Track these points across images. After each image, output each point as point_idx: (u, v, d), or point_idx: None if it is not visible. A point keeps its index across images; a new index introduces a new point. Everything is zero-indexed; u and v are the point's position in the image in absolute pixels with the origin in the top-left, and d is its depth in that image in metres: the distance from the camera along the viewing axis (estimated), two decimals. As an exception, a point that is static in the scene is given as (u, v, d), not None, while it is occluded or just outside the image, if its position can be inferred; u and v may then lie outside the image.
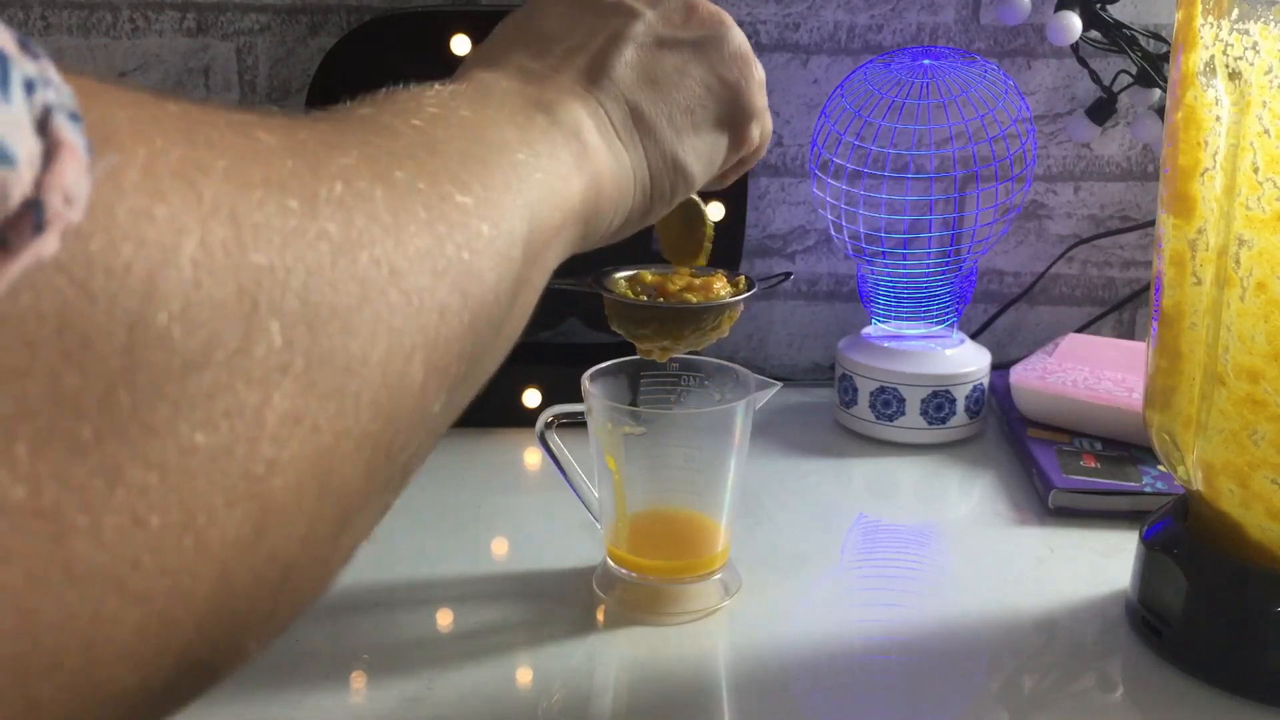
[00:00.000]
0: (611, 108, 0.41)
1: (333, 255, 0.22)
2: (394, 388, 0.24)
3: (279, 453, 0.21)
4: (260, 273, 0.20)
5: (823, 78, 0.90)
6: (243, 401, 0.20)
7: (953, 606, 0.60)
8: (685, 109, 0.43)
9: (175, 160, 0.20)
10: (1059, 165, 0.93)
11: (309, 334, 0.21)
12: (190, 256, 0.19)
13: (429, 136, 0.30)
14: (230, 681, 0.56)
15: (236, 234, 0.20)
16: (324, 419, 0.22)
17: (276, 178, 0.22)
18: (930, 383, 0.79)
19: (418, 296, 0.25)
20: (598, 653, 0.55)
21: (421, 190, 0.27)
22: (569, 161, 0.37)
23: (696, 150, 0.44)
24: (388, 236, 0.24)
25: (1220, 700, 0.52)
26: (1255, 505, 0.51)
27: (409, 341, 0.24)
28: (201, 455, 0.19)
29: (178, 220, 0.19)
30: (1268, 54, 0.47)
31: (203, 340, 0.19)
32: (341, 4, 0.87)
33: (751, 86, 0.46)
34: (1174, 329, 0.53)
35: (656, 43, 0.43)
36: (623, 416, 0.57)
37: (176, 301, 0.19)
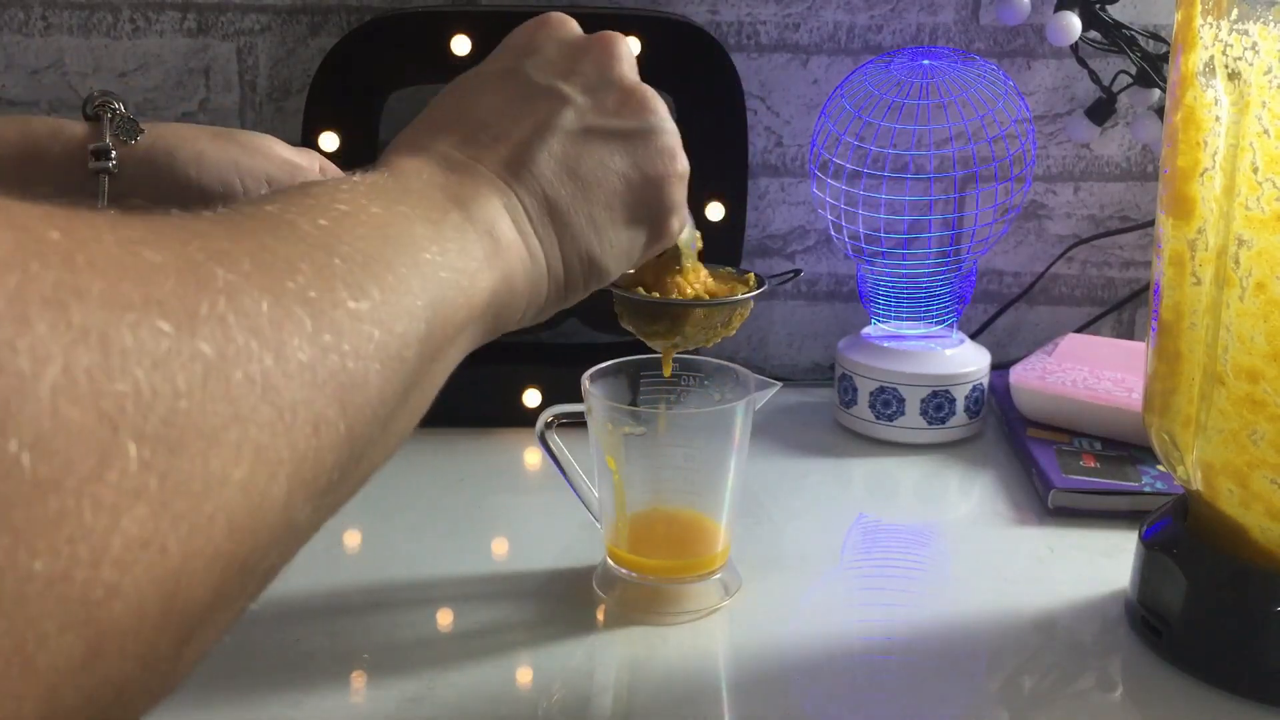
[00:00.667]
0: (530, 202, 0.41)
1: (204, 375, 0.22)
2: (254, 506, 0.23)
3: (121, 577, 0.20)
4: (124, 399, 0.20)
5: (823, 78, 0.90)
6: (89, 527, 0.19)
7: (953, 606, 0.60)
8: (605, 204, 0.43)
9: (48, 285, 0.19)
10: (1059, 165, 0.93)
11: (168, 456, 0.21)
12: (50, 384, 0.19)
13: (332, 237, 0.30)
14: (230, 681, 0.56)
15: (104, 359, 0.20)
16: (174, 541, 0.21)
17: (155, 297, 0.22)
18: (930, 383, 0.79)
19: (291, 411, 0.24)
20: (598, 653, 0.55)
21: (312, 299, 0.27)
22: (479, 258, 0.36)
23: (613, 244, 0.44)
24: (266, 352, 0.24)
25: (1220, 700, 0.52)
26: (1255, 505, 0.51)
27: (275, 458, 0.24)
28: (38, 583, 0.19)
29: (41, 348, 0.19)
30: (1267, 54, 0.47)
31: (54, 468, 0.19)
32: (341, 4, 0.87)
33: (674, 182, 0.45)
34: (1173, 329, 0.53)
35: (584, 132, 0.43)
36: (623, 416, 0.57)
37: (30, 431, 0.18)
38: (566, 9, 0.85)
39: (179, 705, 0.50)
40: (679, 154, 0.45)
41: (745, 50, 0.89)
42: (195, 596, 0.22)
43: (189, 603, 0.22)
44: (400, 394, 0.30)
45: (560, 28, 0.46)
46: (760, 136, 0.91)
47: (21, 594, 0.18)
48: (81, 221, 0.22)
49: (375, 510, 0.68)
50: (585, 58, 0.44)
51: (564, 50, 0.45)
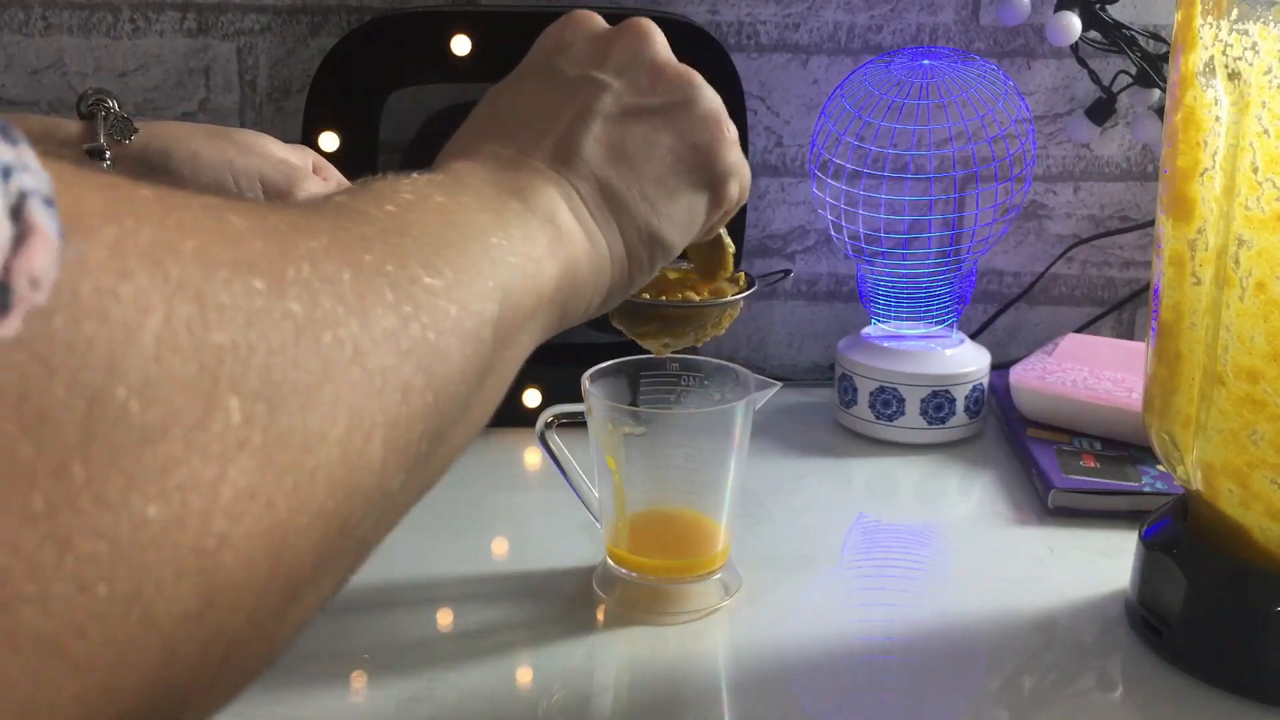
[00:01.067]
0: (584, 188, 0.41)
1: (296, 334, 0.23)
2: (352, 465, 0.24)
3: (232, 528, 0.21)
4: (222, 351, 0.21)
5: (823, 78, 0.90)
6: (198, 476, 0.20)
7: (953, 606, 0.60)
8: (657, 179, 0.43)
9: (144, 241, 0.20)
10: (1058, 165, 0.93)
11: (268, 411, 0.22)
12: (154, 334, 0.19)
13: (401, 221, 0.30)
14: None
15: (201, 313, 0.21)
16: (279, 495, 0.22)
17: (244, 259, 0.22)
18: (930, 383, 0.79)
19: (380, 376, 0.25)
20: (598, 653, 0.55)
21: (389, 272, 0.27)
22: (544, 245, 0.37)
23: (673, 219, 0.44)
24: (353, 317, 0.25)
25: (1220, 700, 0.52)
26: (1255, 505, 0.51)
27: (369, 420, 0.25)
28: (153, 528, 0.19)
29: (143, 299, 0.19)
30: (1267, 54, 0.47)
31: (161, 415, 0.19)
32: (341, 4, 0.87)
33: (724, 146, 0.45)
34: (1173, 329, 0.53)
35: (624, 114, 0.43)
36: (623, 416, 0.57)
37: (137, 377, 0.19)
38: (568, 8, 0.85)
39: (179, 705, 0.50)
40: (724, 119, 0.46)
41: (745, 50, 0.89)
42: (301, 553, 0.23)
43: (295, 559, 0.23)
44: (479, 373, 0.31)
45: (587, 22, 0.47)
46: (760, 136, 0.91)
47: (138, 539, 0.19)
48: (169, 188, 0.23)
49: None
50: (615, 44, 0.45)
51: (593, 42, 0.45)
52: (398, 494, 0.27)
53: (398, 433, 0.26)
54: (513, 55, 0.83)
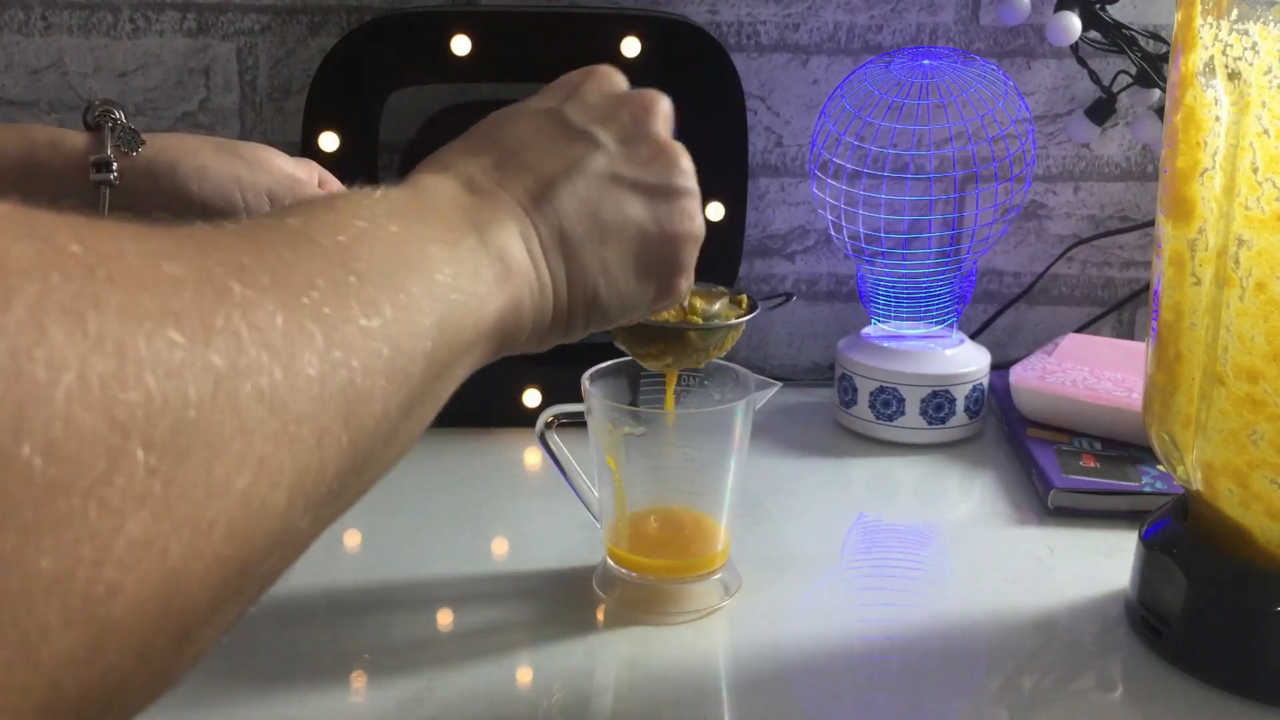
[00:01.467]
0: (544, 231, 0.41)
1: (214, 387, 0.23)
2: (255, 513, 0.24)
3: (123, 577, 0.21)
4: (136, 406, 0.21)
5: (823, 78, 0.90)
6: (94, 528, 0.20)
7: (953, 606, 0.60)
8: (618, 250, 0.44)
9: (68, 295, 0.20)
10: (1059, 165, 0.93)
11: (174, 464, 0.22)
12: (65, 390, 0.19)
13: (350, 254, 0.30)
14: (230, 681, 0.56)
15: (119, 368, 0.21)
16: (175, 544, 0.22)
17: (173, 308, 0.22)
18: (930, 383, 0.79)
19: (296, 424, 0.25)
20: (598, 653, 0.55)
21: (325, 316, 0.27)
22: (489, 282, 0.37)
23: (619, 294, 0.44)
24: (277, 365, 0.25)
25: (1220, 700, 0.52)
26: (1255, 505, 0.51)
27: (278, 468, 0.25)
28: (44, 579, 0.19)
29: (58, 357, 0.19)
30: (1267, 54, 0.47)
31: (65, 471, 0.19)
32: (341, 4, 0.87)
33: (688, 242, 0.46)
34: (1173, 329, 0.53)
35: (611, 178, 0.44)
36: (623, 416, 0.57)
37: (43, 435, 0.19)
38: (567, 9, 0.85)
39: (180, 705, 0.50)
40: (698, 217, 0.46)
41: (745, 50, 0.89)
42: (194, 597, 0.23)
43: (188, 603, 0.23)
44: (404, 409, 0.31)
45: (606, 79, 0.47)
46: (760, 136, 0.91)
47: (27, 590, 0.19)
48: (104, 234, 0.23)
49: (375, 510, 0.68)
50: (624, 109, 0.45)
51: (606, 99, 0.46)
52: (303, 531, 0.27)
53: (307, 478, 0.26)
54: (512, 55, 0.83)
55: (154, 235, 0.24)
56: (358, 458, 0.29)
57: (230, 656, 0.53)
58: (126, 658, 0.22)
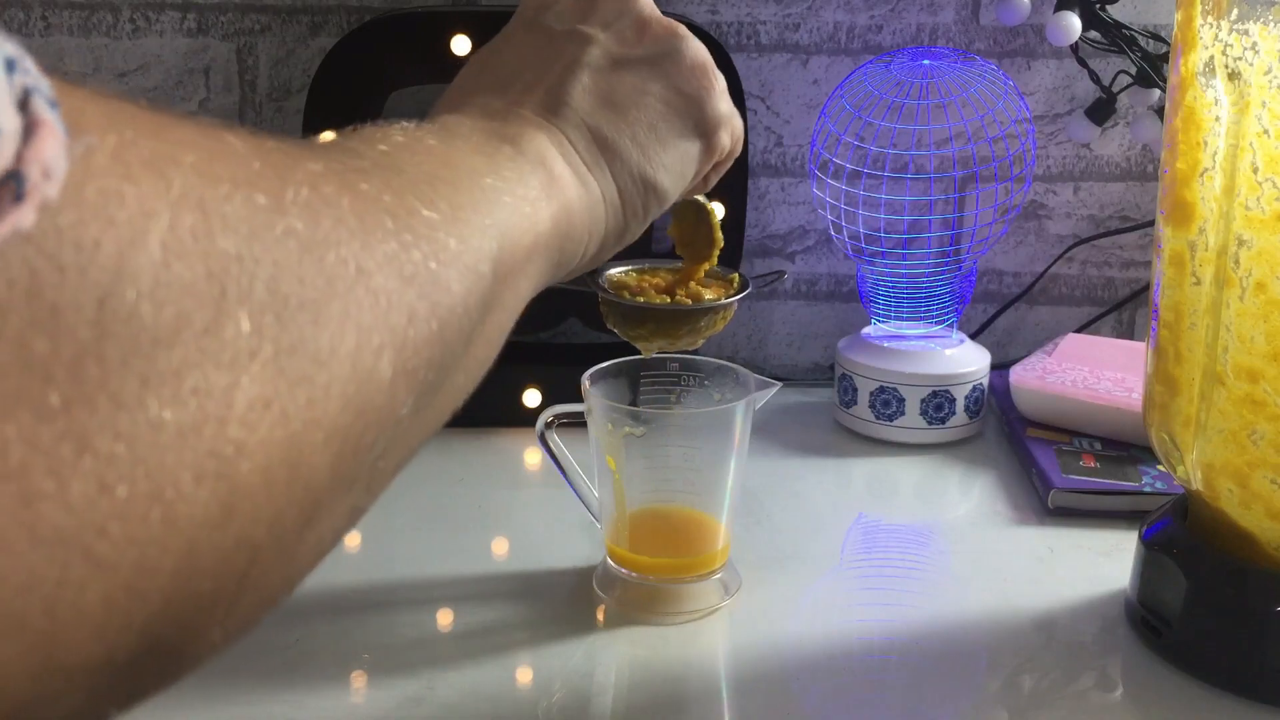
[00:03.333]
0: (574, 135, 0.41)
1: (299, 251, 0.23)
2: (363, 382, 0.24)
3: (247, 436, 0.21)
4: (228, 260, 0.21)
5: (823, 78, 0.90)
6: (211, 382, 0.20)
7: (953, 606, 0.60)
8: (648, 126, 0.44)
9: (145, 150, 0.20)
10: (1058, 165, 0.93)
11: (277, 323, 0.22)
12: (159, 238, 0.20)
13: (394, 159, 0.31)
14: (231, 681, 0.56)
15: (205, 221, 0.21)
16: (293, 407, 0.22)
17: (244, 176, 0.23)
18: (930, 383, 0.79)
19: (385, 297, 0.25)
20: (598, 653, 0.55)
21: (387, 202, 0.27)
22: (536, 188, 0.37)
23: (665, 165, 0.44)
24: (354, 239, 0.25)
25: (1220, 700, 0.52)
26: (1255, 505, 0.51)
27: (377, 339, 0.25)
28: (169, 431, 0.20)
29: (146, 203, 0.20)
30: (1267, 54, 0.47)
31: (171, 319, 0.20)
32: (341, 4, 0.87)
33: (713, 95, 0.46)
34: (1173, 329, 0.53)
35: (612, 65, 0.44)
36: (623, 417, 0.57)
37: (145, 280, 0.19)
38: (566, 9, 0.85)
39: (180, 704, 0.50)
40: (711, 68, 0.46)
41: (745, 50, 0.89)
42: (316, 468, 0.23)
43: (311, 473, 0.23)
44: (479, 308, 0.31)
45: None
46: (760, 136, 0.91)
47: (156, 441, 0.19)
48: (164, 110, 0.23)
49: (375, 510, 0.67)
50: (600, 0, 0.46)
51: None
52: (407, 421, 0.27)
53: (405, 355, 0.26)
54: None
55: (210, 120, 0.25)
56: (446, 349, 0.29)
57: (230, 656, 0.53)
58: (258, 527, 0.22)
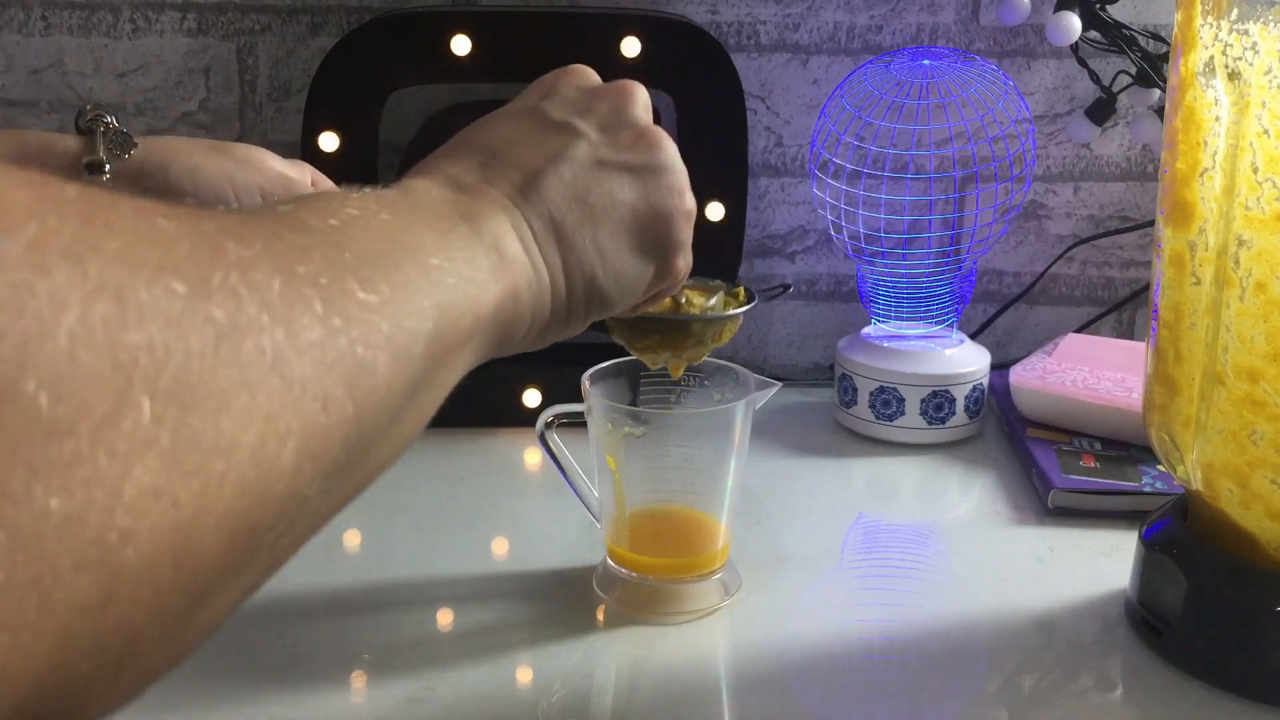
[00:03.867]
0: (535, 222, 0.41)
1: (216, 340, 0.23)
2: (264, 471, 0.24)
3: (135, 523, 0.21)
4: (138, 350, 0.21)
5: (823, 78, 0.90)
6: (103, 472, 0.20)
7: (953, 606, 0.60)
8: (611, 232, 0.44)
9: (66, 238, 0.20)
10: (1059, 165, 0.93)
11: (180, 413, 0.22)
12: (68, 330, 0.20)
13: (342, 235, 0.31)
14: (231, 681, 0.56)
15: (119, 311, 0.21)
16: (185, 495, 0.22)
17: (169, 262, 0.23)
18: (930, 383, 0.79)
19: (300, 385, 0.25)
20: (598, 653, 0.55)
21: (322, 285, 0.27)
22: (485, 270, 0.37)
23: (617, 275, 0.44)
24: (277, 326, 0.25)
25: (1220, 700, 0.52)
26: (1255, 505, 0.51)
27: (284, 428, 0.25)
28: (54, 520, 0.19)
29: (59, 295, 0.20)
30: (1267, 54, 0.47)
31: (70, 410, 0.20)
32: (341, 4, 0.87)
33: (683, 219, 0.46)
34: (1173, 329, 0.53)
35: (597, 164, 0.44)
36: (623, 417, 0.57)
37: (47, 371, 0.19)
38: (567, 9, 0.85)
39: (180, 704, 0.50)
40: (687, 193, 0.47)
41: (745, 50, 0.89)
42: (206, 553, 0.23)
43: (200, 558, 0.23)
44: (407, 390, 0.31)
45: (581, 75, 0.48)
46: (760, 136, 0.91)
47: (39, 530, 0.19)
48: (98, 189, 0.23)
49: (375, 510, 0.68)
50: (602, 99, 0.46)
51: (583, 92, 0.47)
52: (314, 501, 0.27)
53: (314, 441, 0.26)
54: (512, 55, 0.83)
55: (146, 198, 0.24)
56: (364, 430, 0.29)
57: (230, 656, 0.53)
58: (139, 611, 0.22)
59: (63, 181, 0.22)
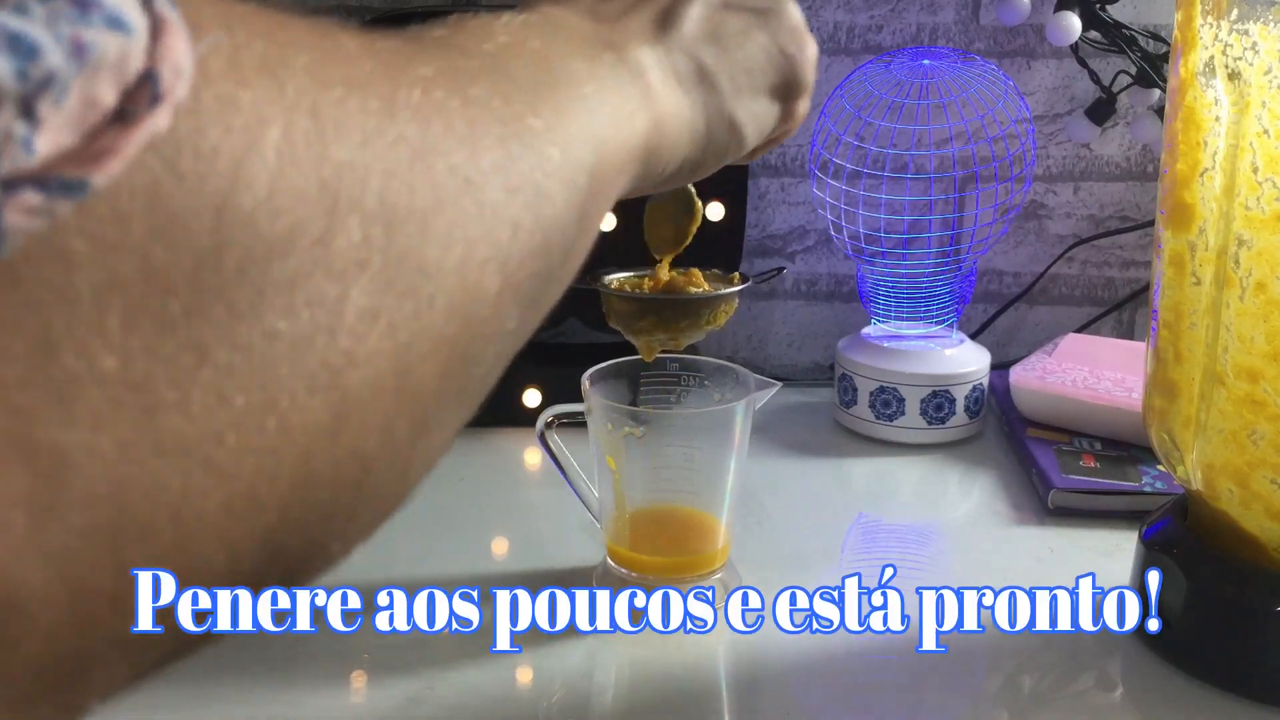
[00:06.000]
0: (677, 58, 0.41)
1: (410, 159, 0.23)
2: (470, 294, 0.25)
3: (357, 346, 0.21)
4: (341, 168, 0.21)
5: (823, 78, 0.90)
6: (323, 292, 0.20)
7: (952, 606, 0.60)
8: (746, 70, 0.44)
9: (258, 53, 0.20)
10: (1059, 165, 0.93)
11: (386, 233, 0.22)
12: (274, 145, 0.20)
13: (501, 62, 0.30)
14: (231, 681, 0.56)
15: (318, 128, 0.21)
16: (400, 318, 0.22)
17: (357, 78, 0.22)
18: (930, 383, 0.79)
19: (491, 209, 0.25)
20: (598, 653, 0.55)
21: (495, 108, 0.27)
22: (634, 100, 0.37)
23: (751, 113, 0.44)
24: (463, 147, 0.25)
25: (1220, 700, 0.52)
26: (1255, 505, 0.51)
27: (483, 251, 0.25)
28: (284, 341, 0.20)
29: (261, 109, 0.20)
30: (1267, 54, 0.47)
31: (286, 227, 0.20)
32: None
33: (806, 62, 0.46)
34: (1173, 329, 0.53)
35: (723, 4, 0.44)
36: (623, 417, 0.57)
37: (262, 187, 0.19)
38: (567, 9, 0.85)
39: (180, 704, 0.50)
40: (809, 35, 0.47)
41: (745, 50, 0.89)
42: (424, 379, 0.24)
43: (420, 383, 0.23)
44: (577, 223, 0.31)
45: None
46: (760, 136, 0.91)
47: (270, 351, 0.20)
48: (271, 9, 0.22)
49: (375, 510, 0.68)
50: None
51: None
52: (511, 333, 0.28)
53: (510, 267, 0.26)
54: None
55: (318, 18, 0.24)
56: (549, 262, 0.29)
57: (231, 656, 0.53)
58: (369, 438, 0.22)
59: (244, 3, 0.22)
